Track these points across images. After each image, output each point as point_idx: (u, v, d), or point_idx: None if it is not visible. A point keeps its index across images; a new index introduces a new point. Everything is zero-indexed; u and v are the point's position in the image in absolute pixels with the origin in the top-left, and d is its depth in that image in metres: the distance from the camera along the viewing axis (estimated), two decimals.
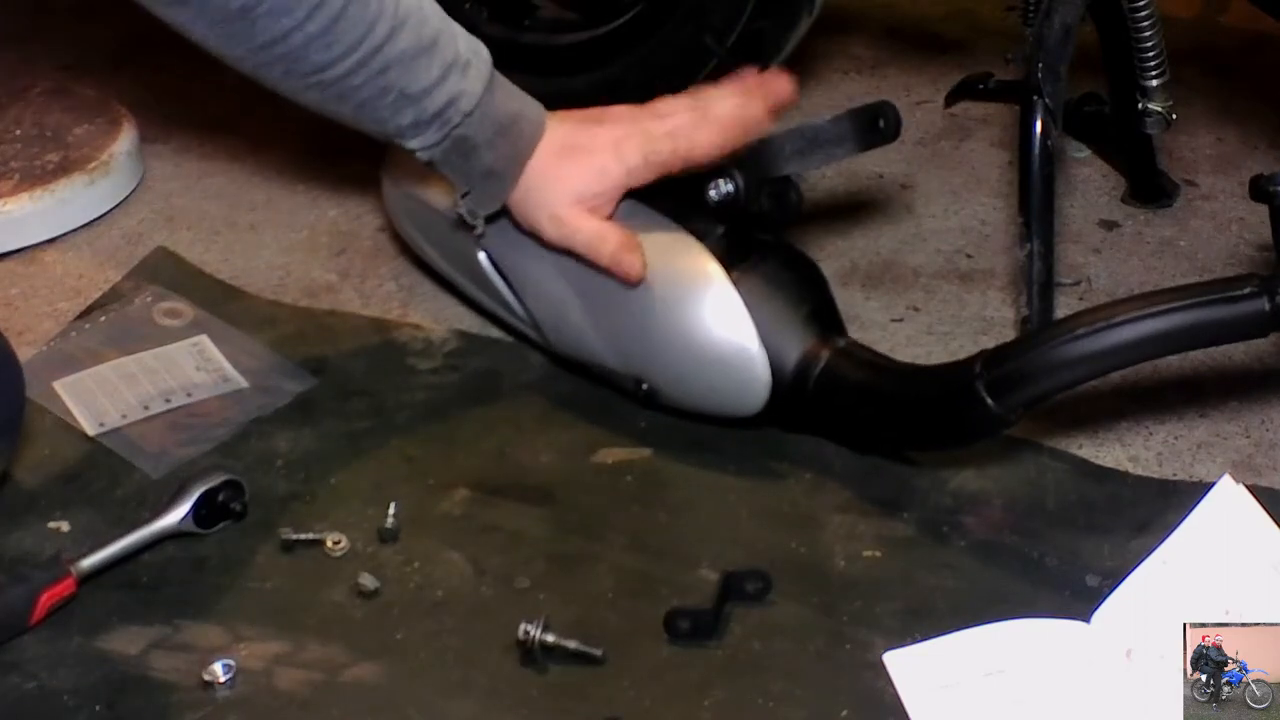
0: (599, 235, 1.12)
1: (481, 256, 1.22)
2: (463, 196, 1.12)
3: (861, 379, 1.09)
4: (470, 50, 1.10)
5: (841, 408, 1.11)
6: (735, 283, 1.10)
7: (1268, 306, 0.93)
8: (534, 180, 1.12)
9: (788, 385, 1.10)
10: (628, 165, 1.12)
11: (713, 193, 1.13)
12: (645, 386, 1.14)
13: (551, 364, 1.24)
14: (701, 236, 1.13)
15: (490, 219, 1.13)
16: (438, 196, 1.24)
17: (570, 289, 1.16)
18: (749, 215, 1.14)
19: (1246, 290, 0.94)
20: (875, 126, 1.10)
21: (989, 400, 1.00)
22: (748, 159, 1.13)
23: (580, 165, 1.12)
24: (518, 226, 1.15)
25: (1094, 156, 1.52)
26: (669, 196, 1.15)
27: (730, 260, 1.11)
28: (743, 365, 1.10)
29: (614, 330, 1.14)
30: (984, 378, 1.00)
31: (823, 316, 1.13)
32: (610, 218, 1.13)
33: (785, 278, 1.13)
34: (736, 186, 1.13)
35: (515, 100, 1.12)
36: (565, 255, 1.14)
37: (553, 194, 1.12)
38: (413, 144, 1.10)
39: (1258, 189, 0.97)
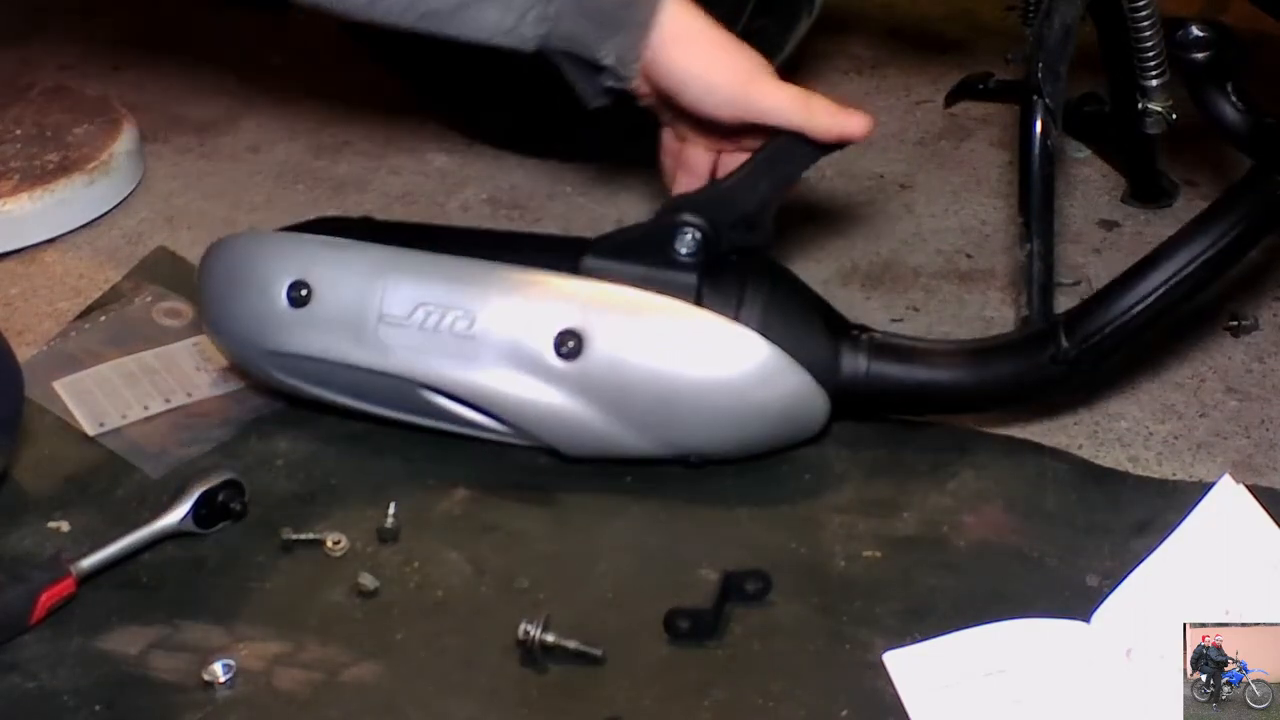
0: (810, 96, 1.07)
1: (425, 394, 1.10)
2: (603, 58, 1.06)
3: (910, 364, 1.11)
4: None
5: (898, 392, 1.12)
6: (760, 331, 1.07)
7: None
8: (716, 31, 1.07)
9: (843, 394, 1.10)
10: None
11: (682, 249, 1.08)
12: (694, 458, 1.10)
13: None
14: (690, 295, 1.08)
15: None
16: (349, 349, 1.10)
17: (582, 402, 1.07)
18: (721, 254, 1.10)
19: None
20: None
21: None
22: (708, 205, 1.09)
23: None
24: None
25: (1094, 156, 1.52)
26: (636, 257, 1.09)
27: (735, 308, 1.08)
28: (803, 405, 1.09)
29: (650, 425, 1.08)
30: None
31: (830, 314, 1.13)
32: None
33: (784, 295, 1.11)
34: (704, 234, 1.08)
35: None
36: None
37: (738, 50, 1.08)
38: None
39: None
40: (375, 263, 1.11)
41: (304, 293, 1.10)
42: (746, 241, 1.11)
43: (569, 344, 1.07)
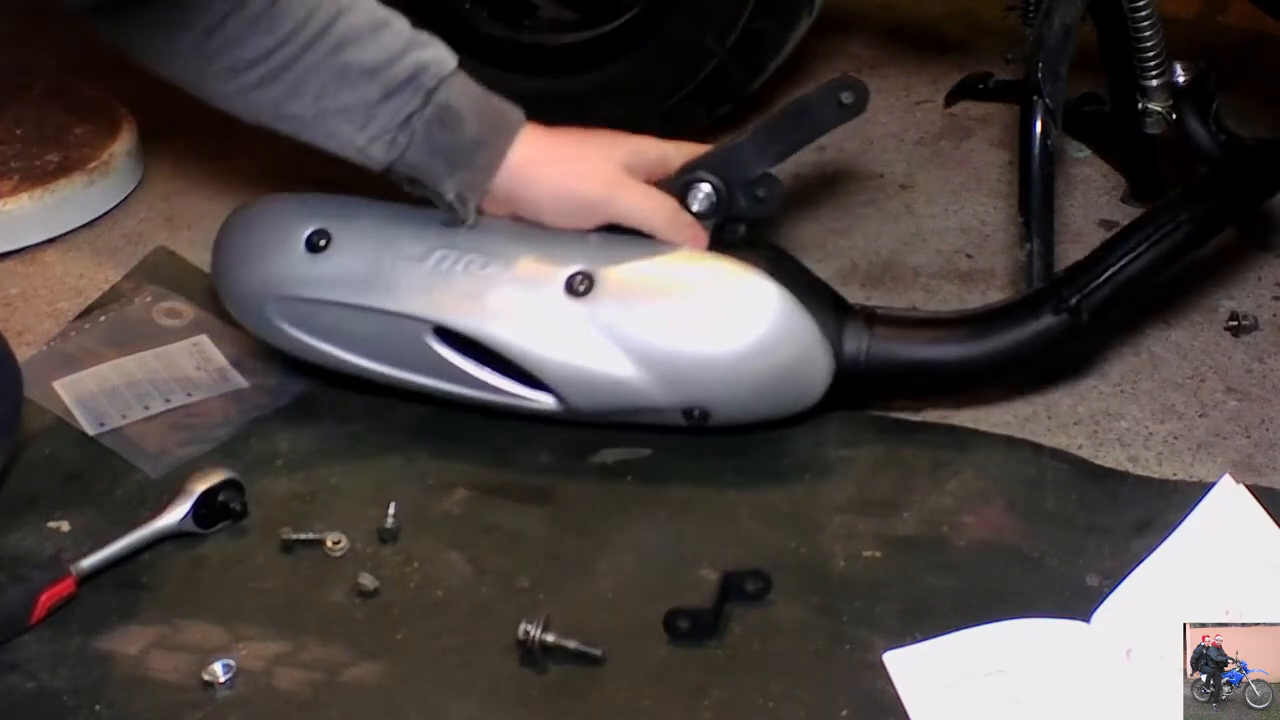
0: (661, 200, 1.11)
1: (431, 341, 1.11)
2: (445, 193, 1.09)
3: (914, 335, 1.13)
4: (428, 34, 1.08)
5: (904, 366, 1.13)
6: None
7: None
8: (569, 149, 1.10)
9: (847, 370, 1.11)
10: (664, 146, 1.13)
11: (695, 205, 1.12)
12: (697, 412, 1.10)
13: None
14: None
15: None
16: (344, 291, 1.12)
17: (590, 340, 1.08)
18: (729, 217, 1.14)
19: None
20: (839, 103, 1.11)
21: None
22: (720, 163, 1.13)
23: (617, 140, 1.12)
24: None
25: (1094, 156, 1.52)
26: None
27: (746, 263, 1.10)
28: (809, 363, 1.10)
29: (657, 366, 1.08)
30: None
31: (833, 292, 1.14)
32: None
33: (791, 266, 1.13)
34: (717, 191, 1.12)
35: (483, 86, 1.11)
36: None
37: (594, 157, 1.10)
38: (384, 122, 1.06)
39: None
40: (395, 214, 1.14)
41: (323, 241, 1.12)
42: (754, 207, 1.13)
43: (581, 285, 1.08)
